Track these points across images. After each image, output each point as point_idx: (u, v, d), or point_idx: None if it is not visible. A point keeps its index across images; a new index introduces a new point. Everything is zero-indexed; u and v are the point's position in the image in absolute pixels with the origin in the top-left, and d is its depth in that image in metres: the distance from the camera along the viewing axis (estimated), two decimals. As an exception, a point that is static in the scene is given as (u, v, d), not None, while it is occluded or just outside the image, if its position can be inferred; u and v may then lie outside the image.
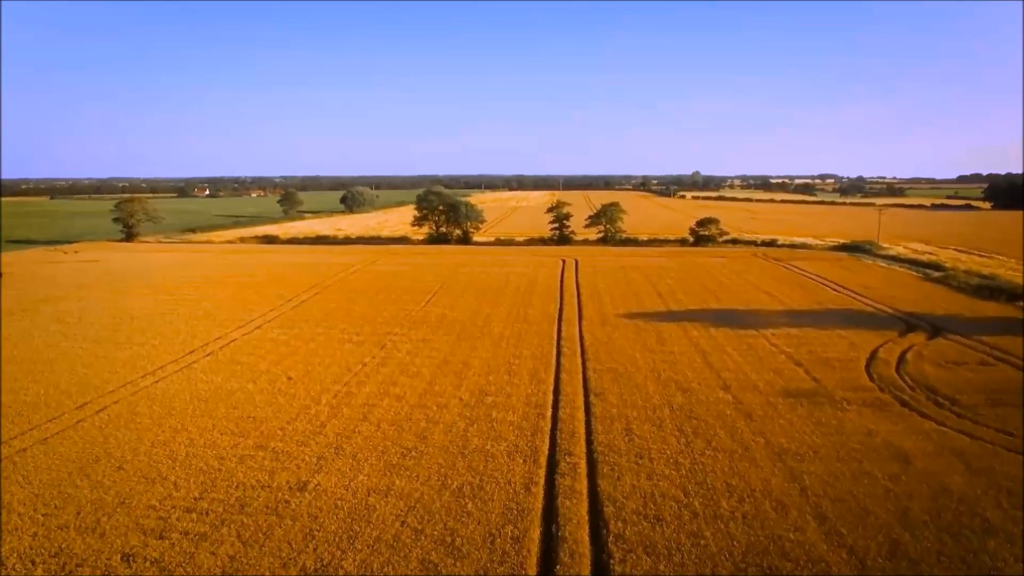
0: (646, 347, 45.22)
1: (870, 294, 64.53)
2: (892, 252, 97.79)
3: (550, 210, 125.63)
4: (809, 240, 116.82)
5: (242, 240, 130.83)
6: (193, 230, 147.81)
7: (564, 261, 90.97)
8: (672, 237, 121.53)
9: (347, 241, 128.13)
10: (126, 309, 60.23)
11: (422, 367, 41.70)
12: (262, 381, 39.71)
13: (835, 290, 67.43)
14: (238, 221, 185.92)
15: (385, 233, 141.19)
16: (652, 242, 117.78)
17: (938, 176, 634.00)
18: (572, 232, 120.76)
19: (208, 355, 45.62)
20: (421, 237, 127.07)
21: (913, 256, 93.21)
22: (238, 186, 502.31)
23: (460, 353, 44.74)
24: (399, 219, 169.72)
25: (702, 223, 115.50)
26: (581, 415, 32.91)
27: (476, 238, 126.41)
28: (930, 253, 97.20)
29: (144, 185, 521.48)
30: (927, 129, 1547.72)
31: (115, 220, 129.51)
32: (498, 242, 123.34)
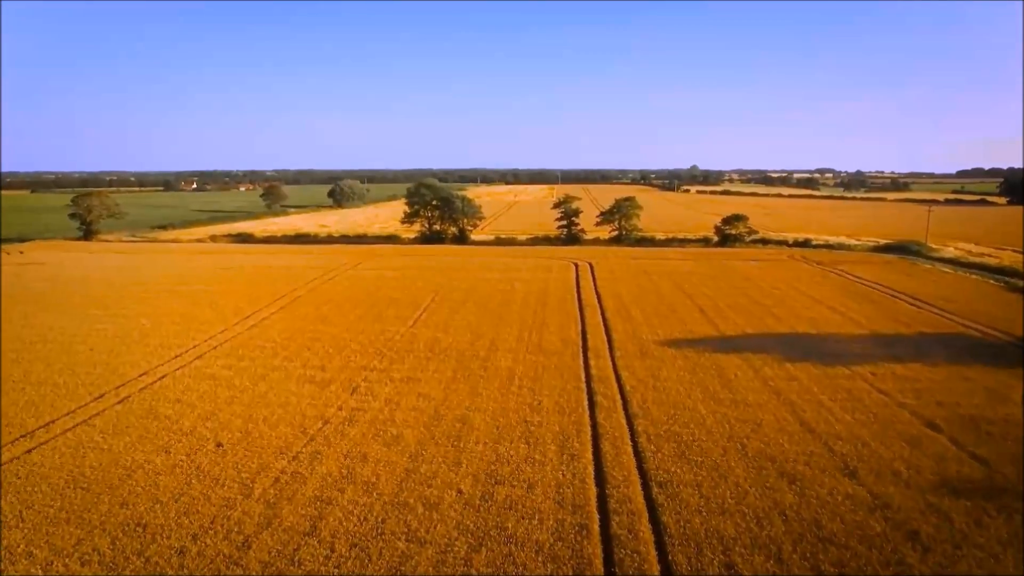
0: (709, 394, 33.49)
1: (957, 310, 52.86)
2: (946, 254, 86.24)
3: (556, 205, 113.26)
4: (844, 239, 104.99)
5: (213, 239, 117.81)
6: (163, 227, 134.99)
7: (577, 265, 78.98)
8: (692, 236, 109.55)
9: (330, 240, 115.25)
10: (41, 329, 48.19)
11: (404, 427, 30.00)
12: (179, 450, 28.06)
13: (912, 304, 55.64)
14: (215, 216, 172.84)
15: (373, 231, 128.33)
16: (671, 241, 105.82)
17: (936, 171, 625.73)
18: (582, 230, 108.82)
19: (121, 402, 33.98)
20: (412, 235, 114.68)
21: (975, 260, 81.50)
22: (228, 180, 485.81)
23: (457, 401, 33.08)
24: (390, 215, 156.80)
25: (728, 220, 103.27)
26: (647, 532, 21.14)
27: (474, 236, 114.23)
28: (988, 255, 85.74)
29: (132, 179, 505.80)
30: (923, 123, 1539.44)
31: (71, 216, 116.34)
32: (498, 241, 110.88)
